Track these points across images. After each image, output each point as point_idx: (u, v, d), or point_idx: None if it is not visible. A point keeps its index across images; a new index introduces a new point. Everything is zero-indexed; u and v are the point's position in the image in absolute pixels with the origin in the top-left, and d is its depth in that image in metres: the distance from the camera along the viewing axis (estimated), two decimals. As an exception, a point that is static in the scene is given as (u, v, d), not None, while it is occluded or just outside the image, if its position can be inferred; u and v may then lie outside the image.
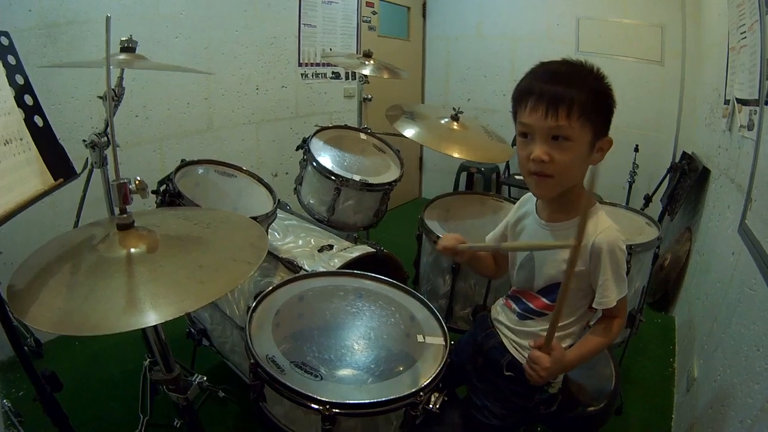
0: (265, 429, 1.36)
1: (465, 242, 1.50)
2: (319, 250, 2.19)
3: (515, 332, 1.51)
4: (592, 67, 1.30)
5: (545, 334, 1.42)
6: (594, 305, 1.37)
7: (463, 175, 5.31)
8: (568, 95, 1.23)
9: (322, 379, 1.30)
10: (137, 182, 1.22)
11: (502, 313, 1.60)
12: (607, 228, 1.33)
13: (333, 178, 2.54)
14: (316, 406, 1.19)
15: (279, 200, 2.29)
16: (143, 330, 1.39)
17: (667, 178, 4.13)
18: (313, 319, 1.56)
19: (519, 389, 1.46)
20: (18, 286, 1.04)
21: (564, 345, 1.44)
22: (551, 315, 1.26)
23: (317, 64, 4.40)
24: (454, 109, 2.69)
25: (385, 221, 2.88)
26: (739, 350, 1.79)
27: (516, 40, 5.18)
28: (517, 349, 1.50)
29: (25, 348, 1.91)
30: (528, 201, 1.55)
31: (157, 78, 3.17)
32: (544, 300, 1.44)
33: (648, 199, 4.13)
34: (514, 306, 1.54)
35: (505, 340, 1.54)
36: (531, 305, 1.48)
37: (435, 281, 2.39)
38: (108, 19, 1.21)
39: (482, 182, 5.25)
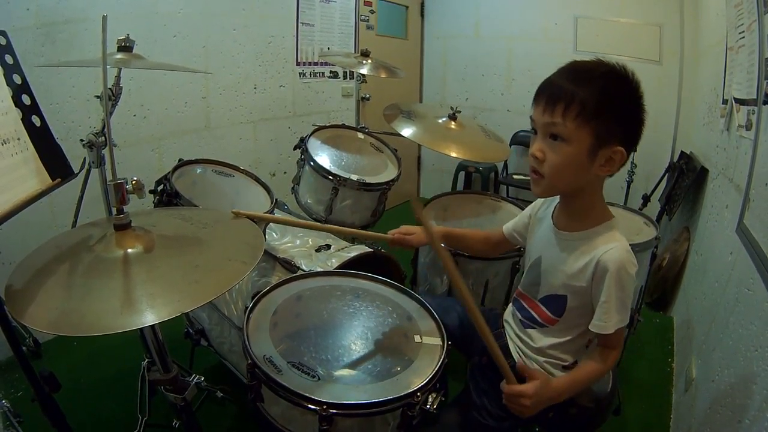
0: (262, 429, 1.36)
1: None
2: (317, 250, 2.19)
3: (520, 339, 1.51)
4: (614, 68, 1.23)
5: (548, 349, 1.42)
6: (591, 327, 1.32)
7: (461, 175, 5.31)
8: (569, 93, 1.19)
9: (319, 379, 1.30)
10: (134, 182, 1.22)
11: (511, 316, 1.60)
12: (617, 247, 1.28)
13: (330, 177, 2.54)
14: (313, 407, 1.19)
15: (276, 200, 2.29)
16: (141, 330, 1.39)
17: (666, 178, 4.13)
18: (310, 319, 1.56)
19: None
20: (16, 287, 1.04)
21: (566, 363, 1.44)
22: (487, 343, 1.25)
23: (315, 63, 4.40)
24: (451, 108, 2.70)
25: (383, 221, 2.88)
26: (737, 350, 1.79)
27: (514, 40, 5.18)
28: (520, 355, 1.50)
29: (24, 348, 1.91)
30: (554, 200, 1.50)
31: (154, 77, 3.17)
32: (545, 310, 1.43)
33: (646, 199, 4.14)
34: (517, 313, 1.54)
35: (510, 344, 1.55)
36: (533, 313, 1.47)
37: (432, 281, 2.39)
38: (104, 18, 1.20)
39: (480, 181, 5.25)
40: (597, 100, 1.18)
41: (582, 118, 1.18)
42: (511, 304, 1.64)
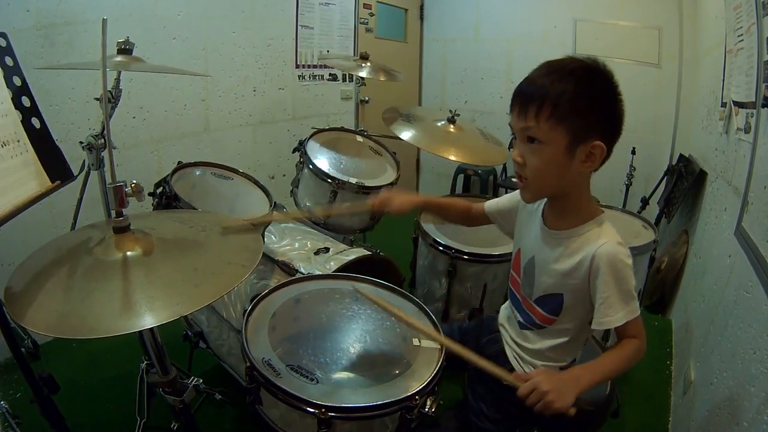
0: (261, 432, 1.36)
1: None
2: (316, 253, 2.19)
3: (516, 343, 1.50)
4: (584, 63, 1.22)
5: (546, 351, 1.41)
6: (594, 326, 1.29)
7: (460, 178, 5.31)
8: (539, 94, 1.18)
9: (317, 382, 1.30)
10: (133, 185, 1.22)
11: (506, 319, 1.58)
12: (609, 241, 1.26)
13: (329, 180, 2.54)
14: (311, 410, 1.19)
15: (275, 203, 2.29)
16: (139, 332, 1.39)
17: (664, 181, 4.13)
18: (309, 322, 1.56)
19: (516, 399, 1.46)
20: (15, 289, 1.05)
21: (564, 363, 1.43)
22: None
23: (314, 66, 4.40)
24: (450, 111, 2.70)
25: (382, 224, 2.88)
26: (736, 353, 1.79)
27: (513, 43, 5.18)
28: (517, 360, 1.49)
29: (23, 350, 1.91)
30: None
31: (154, 79, 3.17)
32: (541, 311, 1.40)
33: (645, 202, 4.14)
34: (516, 313, 1.51)
35: (507, 349, 1.53)
36: (530, 315, 1.44)
37: (431, 284, 2.39)
38: (104, 21, 1.20)
39: (479, 185, 5.25)
40: (569, 98, 1.17)
41: (555, 118, 1.17)
42: (507, 307, 1.62)
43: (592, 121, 1.19)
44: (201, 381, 1.44)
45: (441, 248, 2.26)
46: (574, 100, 1.17)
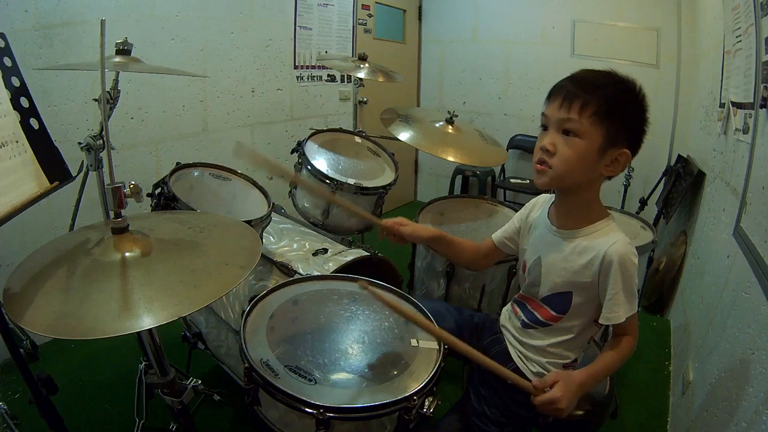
0: (259, 432, 1.35)
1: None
2: (314, 254, 2.19)
3: (519, 341, 1.52)
4: (623, 79, 1.30)
5: (550, 348, 1.44)
6: (601, 320, 1.36)
7: (459, 179, 5.32)
8: (585, 94, 1.25)
9: (316, 383, 1.30)
10: (131, 186, 1.22)
11: (508, 320, 1.60)
12: (619, 240, 1.33)
13: (327, 181, 2.53)
14: (310, 410, 1.19)
15: (274, 204, 2.29)
16: (138, 333, 1.39)
17: (663, 182, 4.14)
18: (307, 323, 1.56)
19: (519, 398, 1.46)
20: (14, 289, 1.04)
21: (567, 361, 1.46)
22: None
23: (313, 67, 4.40)
24: (448, 112, 2.69)
25: (381, 225, 2.88)
26: (734, 353, 1.79)
27: (511, 44, 5.19)
28: (520, 359, 1.51)
29: (21, 350, 1.90)
30: (545, 203, 1.55)
31: (152, 80, 3.17)
32: (548, 309, 1.44)
33: (643, 203, 4.14)
34: (519, 313, 1.54)
35: (510, 348, 1.55)
36: (535, 314, 1.47)
37: (429, 285, 2.39)
38: (103, 22, 1.20)
39: (477, 186, 5.25)
40: (610, 105, 1.25)
41: (596, 117, 1.25)
42: (507, 309, 1.64)
43: (627, 130, 1.29)
44: (199, 382, 1.44)
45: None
46: (615, 108, 1.26)
